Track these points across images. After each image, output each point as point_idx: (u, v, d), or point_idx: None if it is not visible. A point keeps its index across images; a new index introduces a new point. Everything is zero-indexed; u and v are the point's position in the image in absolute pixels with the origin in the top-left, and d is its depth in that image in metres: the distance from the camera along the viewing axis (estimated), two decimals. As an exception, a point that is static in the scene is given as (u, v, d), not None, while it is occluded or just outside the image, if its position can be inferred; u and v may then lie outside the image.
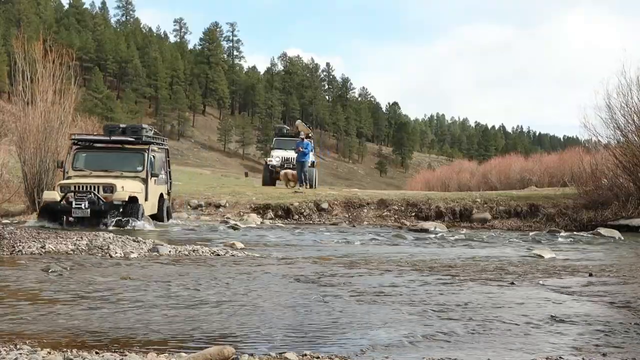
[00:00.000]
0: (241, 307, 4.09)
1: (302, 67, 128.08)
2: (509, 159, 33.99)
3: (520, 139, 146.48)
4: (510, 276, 5.84)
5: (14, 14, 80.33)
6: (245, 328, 3.46)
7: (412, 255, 7.87)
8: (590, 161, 16.26)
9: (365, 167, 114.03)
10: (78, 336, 3.15)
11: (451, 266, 6.65)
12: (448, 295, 4.69)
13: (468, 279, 5.62)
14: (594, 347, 3.10)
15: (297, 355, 2.78)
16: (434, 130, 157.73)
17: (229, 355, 2.65)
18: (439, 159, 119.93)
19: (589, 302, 4.45)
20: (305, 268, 6.19)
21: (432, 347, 3.05)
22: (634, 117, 15.24)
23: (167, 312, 3.81)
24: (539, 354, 2.93)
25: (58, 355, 2.64)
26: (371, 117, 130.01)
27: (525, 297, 4.62)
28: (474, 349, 3.03)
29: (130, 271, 5.63)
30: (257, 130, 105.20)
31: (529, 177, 27.53)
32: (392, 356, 2.86)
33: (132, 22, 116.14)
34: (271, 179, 20.90)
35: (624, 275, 6.06)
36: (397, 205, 15.65)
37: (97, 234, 7.86)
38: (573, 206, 14.86)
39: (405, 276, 5.72)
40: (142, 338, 3.15)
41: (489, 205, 15.35)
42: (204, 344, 2.98)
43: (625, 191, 14.57)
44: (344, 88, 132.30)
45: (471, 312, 3.99)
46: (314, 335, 3.31)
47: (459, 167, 39.18)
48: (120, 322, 3.49)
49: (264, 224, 13.07)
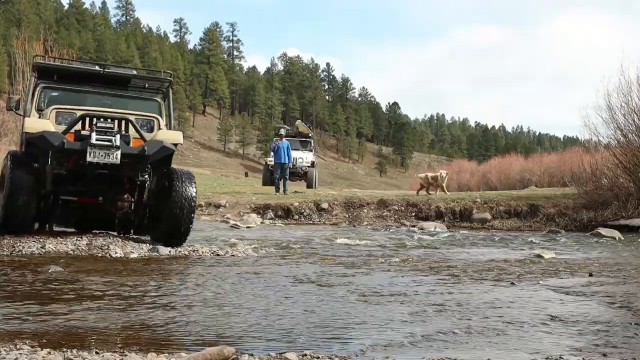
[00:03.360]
0: (240, 307, 4.09)
1: (302, 67, 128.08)
2: (509, 159, 34.06)
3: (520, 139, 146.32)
4: (510, 276, 5.83)
5: (14, 14, 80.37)
6: (245, 328, 3.46)
7: (412, 255, 7.87)
8: (590, 161, 16.28)
9: (365, 167, 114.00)
10: (77, 336, 3.14)
11: (451, 266, 6.65)
12: (448, 295, 4.69)
13: (468, 278, 5.62)
14: (594, 347, 3.10)
15: (297, 355, 2.78)
16: (433, 130, 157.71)
17: (229, 355, 2.65)
18: (439, 159, 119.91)
19: (589, 302, 4.44)
20: (305, 268, 6.18)
21: (432, 347, 3.05)
22: (634, 117, 15.26)
23: (164, 313, 3.81)
24: (539, 354, 2.93)
25: (58, 355, 2.64)
26: (371, 117, 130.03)
27: (525, 297, 4.62)
28: (473, 349, 3.03)
29: (128, 271, 5.63)
30: (257, 130, 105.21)
31: (529, 177, 27.56)
32: (392, 356, 2.86)
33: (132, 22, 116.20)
34: (271, 179, 20.90)
35: (624, 275, 6.05)
36: (397, 205, 15.66)
37: (97, 233, 7.85)
38: (573, 206, 14.87)
39: (405, 276, 5.72)
40: (139, 338, 3.15)
41: (489, 205, 15.36)
42: (202, 344, 2.98)
43: (625, 191, 14.58)
44: (344, 88, 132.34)
45: (471, 312, 3.99)
46: (314, 335, 3.31)
47: (459, 167, 39.22)
48: (119, 322, 3.49)
49: (264, 224, 13.07)
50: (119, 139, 6.80)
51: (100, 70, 8.15)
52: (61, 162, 6.94)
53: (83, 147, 6.67)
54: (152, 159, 7.16)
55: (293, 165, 20.65)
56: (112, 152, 6.71)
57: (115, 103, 8.07)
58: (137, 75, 8.37)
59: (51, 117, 7.06)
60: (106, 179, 7.22)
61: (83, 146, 6.68)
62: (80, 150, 6.69)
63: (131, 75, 8.29)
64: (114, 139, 6.76)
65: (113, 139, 6.75)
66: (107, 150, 6.69)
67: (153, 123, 7.58)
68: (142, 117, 7.52)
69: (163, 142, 7.18)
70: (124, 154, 6.82)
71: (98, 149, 6.67)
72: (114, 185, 7.44)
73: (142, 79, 8.42)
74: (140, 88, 8.43)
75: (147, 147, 7.00)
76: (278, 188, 18.01)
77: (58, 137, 6.68)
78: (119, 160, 6.76)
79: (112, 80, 8.19)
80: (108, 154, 6.70)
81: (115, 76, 8.20)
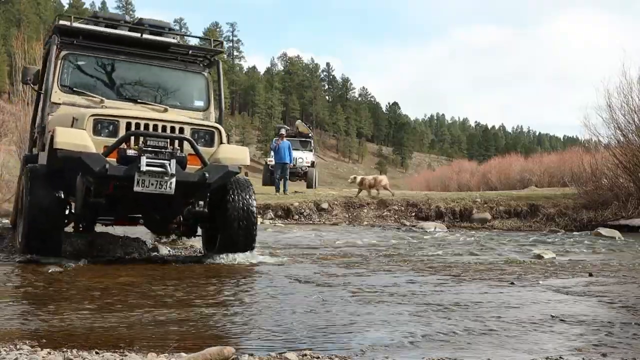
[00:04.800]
0: (239, 306, 4.09)
1: (302, 67, 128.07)
2: (509, 159, 34.03)
3: (520, 139, 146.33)
4: (510, 276, 5.84)
5: (14, 14, 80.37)
6: (245, 328, 3.46)
7: (412, 255, 7.87)
8: (590, 161, 16.29)
9: (365, 167, 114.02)
10: (77, 336, 3.14)
11: (451, 266, 6.65)
12: (448, 295, 4.69)
13: (468, 278, 5.62)
14: (593, 347, 3.10)
15: (297, 355, 2.78)
16: (433, 130, 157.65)
17: (229, 355, 2.65)
18: (439, 159, 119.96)
19: (589, 302, 4.45)
20: (305, 268, 6.18)
21: (432, 347, 3.05)
22: (634, 116, 15.26)
23: (162, 313, 3.81)
24: (539, 354, 2.93)
25: (58, 355, 2.64)
26: (371, 117, 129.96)
27: (525, 297, 4.62)
28: (473, 349, 3.03)
29: (127, 271, 5.63)
30: (257, 130, 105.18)
31: (529, 177, 27.54)
32: (392, 356, 2.86)
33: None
34: (271, 179, 20.89)
35: (624, 275, 6.06)
36: (397, 205, 15.66)
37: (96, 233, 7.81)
38: (573, 206, 14.88)
39: (405, 276, 5.72)
40: (137, 337, 3.15)
41: (489, 205, 15.36)
42: (202, 343, 2.98)
43: (625, 191, 14.59)
44: (343, 88, 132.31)
45: (471, 312, 3.99)
46: (314, 335, 3.31)
47: (459, 167, 39.21)
48: (118, 322, 3.49)
49: (264, 224, 13.06)
50: (174, 164, 5.65)
51: (139, 35, 6.93)
52: (100, 190, 5.79)
53: (129, 174, 5.55)
54: (214, 186, 6.08)
55: (293, 165, 20.65)
56: (166, 181, 5.60)
57: (152, 76, 7.05)
58: (179, 45, 7.22)
59: (88, 127, 5.72)
60: (152, 204, 6.09)
61: (130, 172, 5.55)
62: (126, 178, 5.57)
63: (173, 42, 7.15)
64: (168, 164, 5.62)
65: (167, 164, 5.61)
66: (160, 178, 5.59)
67: (213, 135, 6.22)
68: (201, 129, 6.19)
69: (228, 167, 6.03)
70: (180, 183, 5.69)
71: (148, 177, 5.56)
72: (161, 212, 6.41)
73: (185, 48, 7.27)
74: (182, 57, 7.25)
75: (209, 173, 5.86)
76: (278, 188, 18.00)
77: (99, 160, 5.50)
78: (173, 191, 5.66)
79: (150, 46, 7.03)
80: (161, 183, 5.59)
81: (155, 43, 7.03)
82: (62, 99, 6.52)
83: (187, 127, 6.02)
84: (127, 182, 5.57)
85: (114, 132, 5.77)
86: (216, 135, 6.21)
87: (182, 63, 7.22)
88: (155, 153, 5.65)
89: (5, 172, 15.72)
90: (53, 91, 6.51)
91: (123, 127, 5.79)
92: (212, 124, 6.42)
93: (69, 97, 6.55)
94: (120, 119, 5.82)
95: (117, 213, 6.43)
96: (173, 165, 5.64)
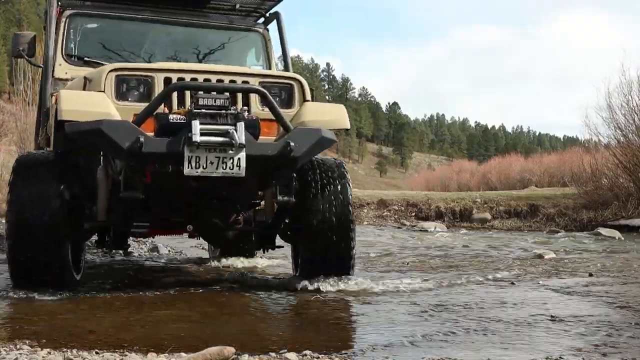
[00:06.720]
0: (237, 306, 4.09)
1: (302, 67, 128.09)
2: (509, 159, 34.04)
3: (520, 139, 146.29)
4: (510, 275, 5.83)
5: (13, 14, 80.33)
6: (244, 328, 3.46)
7: (412, 254, 7.87)
8: (590, 161, 16.29)
9: (365, 167, 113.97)
10: (76, 336, 3.15)
11: (451, 266, 6.64)
12: (448, 295, 4.69)
13: (468, 278, 5.62)
14: (593, 347, 3.10)
15: (297, 355, 2.78)
16: (433, 130, 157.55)
17: (229, 355, 2.65)
18: (439, 159, 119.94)
19: (589, 302, 4.44)
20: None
21: (432, 347, 3.04)
22: (634, 116, 15.27)
23: (158, 312, 3.81)
24: (539, 354, 2.93)
25: (58, 355, 2.64)
26: (371, 117, 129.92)
27: (525, 297, 4.62)
28: (473, 349, 3.03)
29: (126, 271, 5.63)
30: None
31: (529, 177, 27.55)
32: (392, 356, 2.86)
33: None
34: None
35: (624, 275, 6.05)
36: (397, 205, 15.67)
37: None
38: (573, 206, 14.88)
39: (404, 276, 5.72)
40: (134, 337, 3.15)
41: (489, 205, 15.37)
42: (202, 344, 2.98)
43: (625, 191, 14.59)
44: (343, 88, 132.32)
45: (471, 312, 3.99)
46: (314, 334, 3.31)
47: (458, 167, 39.23)
48: (116, 322, 3.50)
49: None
50: (243, 130, 3.73)
51: None
52: (134, 178, 3.90)
53: (175, 150, 3.68)
54: (302, 161, 4.12)
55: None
56: (231, 157, 3.69)
57: (189, 37, 5.38)
58: None
59: (108, 87, 3.94)
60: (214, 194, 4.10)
61: (175, 147, 3.67)
62: (171, 156, 3.72)
63: None
64: (234, 130, 3.71)
65: (232, 130, 3.70)
66: (223, 153, 3.68)
67: (292, 90, 4.39)
68: (275, 82, 4.37)
69: (321, 132, 4.13)
70: (253, 158, 3.78)
71: (205, 152, 3.65)
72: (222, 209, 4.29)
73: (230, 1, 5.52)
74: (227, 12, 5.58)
75: (294, 141, 3.90)
76: None
77: (129, 132, 3.64)
78: (244, 172, 3.75)
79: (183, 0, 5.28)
80: (224, 161, 3.68)
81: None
82: (69, 74, 4.81)
83: (253, 79, 4.24)
84: (172, 162, 3.76)
85: (147, 93, 4.04)
86: (296, 90, 4.39)
87: (227, 19, 5.57)
88: (212, 116, 3.72)
89: (5, 172, 15.72)
90: (57, 63, 4.84)
91: (160, 84, 4.04)
92: (290, 74, 4.65)
93: (79, 71, 4.71)
94: (156, 74, 4.06)
95: (157, 216, 4.50)
96: (241, 131, 3.72)
